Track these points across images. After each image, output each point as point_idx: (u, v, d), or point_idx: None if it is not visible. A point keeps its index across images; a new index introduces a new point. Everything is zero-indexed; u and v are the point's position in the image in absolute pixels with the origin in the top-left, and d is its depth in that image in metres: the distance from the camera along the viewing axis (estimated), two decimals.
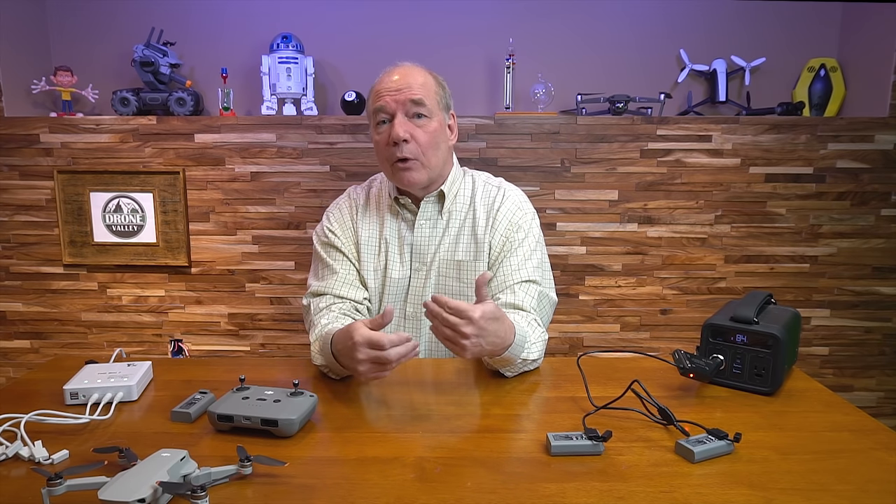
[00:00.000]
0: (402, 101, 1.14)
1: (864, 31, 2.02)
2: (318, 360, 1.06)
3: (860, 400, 2.10)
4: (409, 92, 1.13)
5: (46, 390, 0.98)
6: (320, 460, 0.77)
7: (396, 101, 1.14)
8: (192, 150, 1.99)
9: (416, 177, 1.16)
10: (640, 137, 1.97)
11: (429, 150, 1.16)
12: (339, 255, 1.23)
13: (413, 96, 1.13)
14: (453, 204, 1.24)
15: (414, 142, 1.14)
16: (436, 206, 1.23)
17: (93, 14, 2.13)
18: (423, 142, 1.15)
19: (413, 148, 1.14)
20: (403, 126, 1.13)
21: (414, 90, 1.14)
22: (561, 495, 0.69)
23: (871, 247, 2.01)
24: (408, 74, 1.16)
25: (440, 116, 1.18)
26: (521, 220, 1.22)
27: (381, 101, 1.15)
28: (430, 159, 1.16)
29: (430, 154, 1.16)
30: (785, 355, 0.96)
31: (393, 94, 1.14)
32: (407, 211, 1.23)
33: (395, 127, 1.13)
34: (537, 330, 1.10)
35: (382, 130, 1.16)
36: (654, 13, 2.12)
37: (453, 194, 1.24)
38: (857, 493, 0.69)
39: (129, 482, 0.64)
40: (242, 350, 2.12)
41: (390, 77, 1.16)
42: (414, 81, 1.15)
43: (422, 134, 1.14)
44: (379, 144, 1.18)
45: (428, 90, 1.16)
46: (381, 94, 1.15)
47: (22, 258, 2.06)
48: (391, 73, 1.17)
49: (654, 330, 2.09)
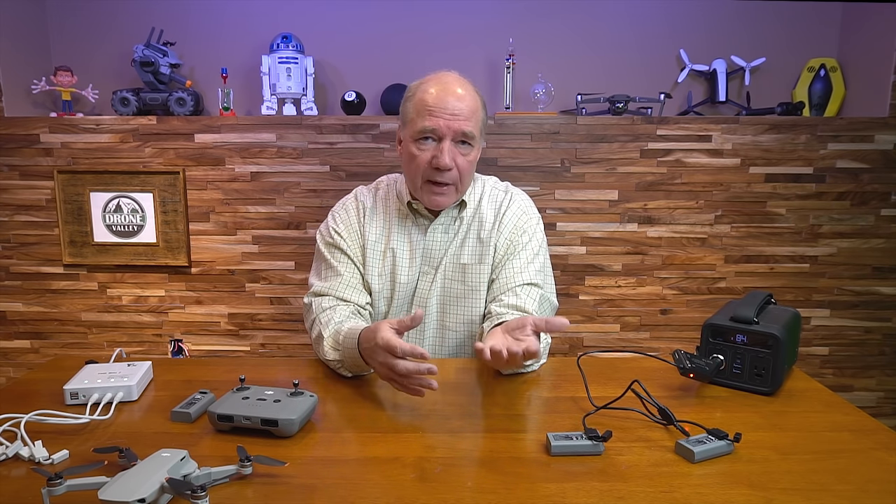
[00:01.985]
0: (455, 129, 1.12)
1: (864, 31, 2.02)
2: (332, 354, 1.05)
3: (860, 400, 2.10)
4: (464, 122, 1.12)
5: (46, 390, 0.98)
6: (320, 460, 0.77)
7: (449, 128, 1.11)
8: (192, 150, 1.99)
9: (446, 201, 1.17)
10: (640, 137, 1.96)
11: (466, 177, 1.17)
12: (343, 258, 1.22)
13: (466, 128, 1.12)
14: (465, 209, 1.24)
15: (455, 169, 1.14)
16: (454, 213, 1.23)
17: (93, 14, 2.13)
18: (464, 169, 1.15)
19: (454, 175, 1.14)
20: (451, 154, 1.12)
21: (468, 120, 1.12)
22: (561, 495, 0.69)
23: (871, 247, 2.01)
24: (465, 98, 1.13)
25: (480, 144, 1.19)
26: (526, 225, 1.22)
27: (432, 122, 1.11)
28: (464, 185, 1.18)
29: (465, 180, 1.17)
30: (785, 355, 0.96)
31: (447, 120, 1.11)
32: (420, 215, 1.23)
33: (443, 154, 1.11)
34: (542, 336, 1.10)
35: (425, 148, 1.14)
36: (654, 13, 2.12)
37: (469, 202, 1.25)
38: (857, 493, 0.69)
39: (129, 482, 0.64)
40: (242, 350, 2.12)
41: (443, 94, 1.12)
42: (468, 108, 1.13)
43: (463, 162, 1.14)
44: (416, 159, 1.14)
45: (478, 120, 1.15)
46: (435, 114, 1.11)
47: (22, 258, 2.06)
48: (444, 86, 1.13)
49: (654, 330, 2.09)
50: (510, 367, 0.94)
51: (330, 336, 1.07)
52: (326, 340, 1.07)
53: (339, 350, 1.04)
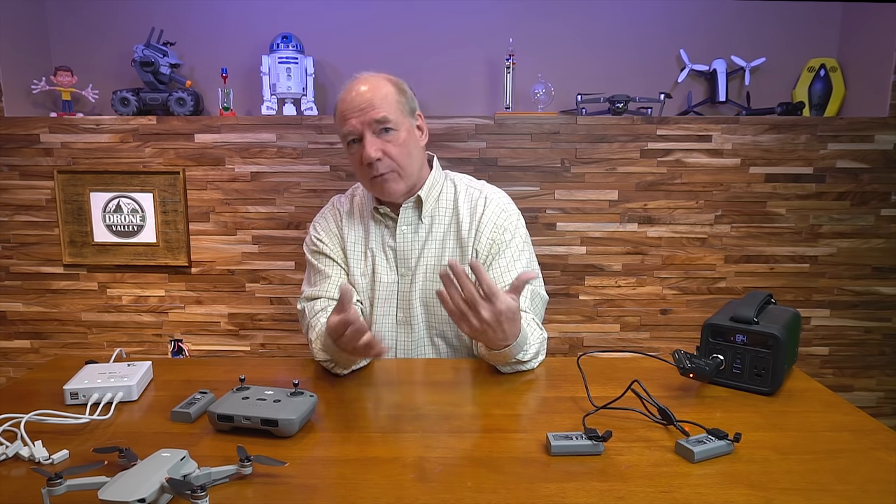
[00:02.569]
0: (368, 121, 1.13)
1: (864, 31, 2.02)
2: (321, 355, 1.08)
3: (860, 400, 2.10)
4: (372, 111, 1.13)
5: (46, 390, 0.98)
6: (320, 460, 0.77)
7: (362, 123, 1.14)
8: (192, 150, 1.99)
9: (395, 187, 1.18)
10: (640, 137, 1.96)
11: (403, 160, 1.17)
12: (328, 261, 1.25)
13: (377, 115, 1.13)
14: (436, 209, 1.24)
15: (386, 157, 1.15)
16: (415, 212, 1.24)
17: (93, 14, 2.13)
18: (396, 154, 1.16)
19: (387, 163, 1.15)
20: (374, 146, 1.14)
21: (377, 108, 1.13)
22: (561, 495, 0.69)
23: (871, 247, 2.01)
24: (368, 90, 1.15)
25: (407, 124, 1.19)
26: (505, 223, 1.22)
27: (347, 124, 1.15)
28: (406, 168, 1.18)
29: (404, 164, 1.17)
30: (785, 355, 0.96)
31: (358, 116, 1.14)
32: (388, 219, 1.25)
33: (365, 148, 1.14)
34: (536, 332, 1.11)
35: (354, 151, 1.17)
36: (654, 13, 2.12)
37: (433, 198, 1.25)
38: (857, 493, 0.69)
39: (129, 482, 0.64)
40: (242, 350, 2.12)
41: (351, 96, 1.16)
42: (375, 97, 1.14)
43: (392, 147, 1.15)
44: (354, 164, 1.19)
45: (390, 103, 1.16)
46: (347, 117, 1.15)
47: (22, 258, 2.06)
48: (351, 89, 1.17)
49: (654, 330, 2.09)
50: (475, 320, 0.95)
51: (317, 338, 1.10)
52: (314, 343, 1.11)
53: (325, 350, 1.05)
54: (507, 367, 1.06)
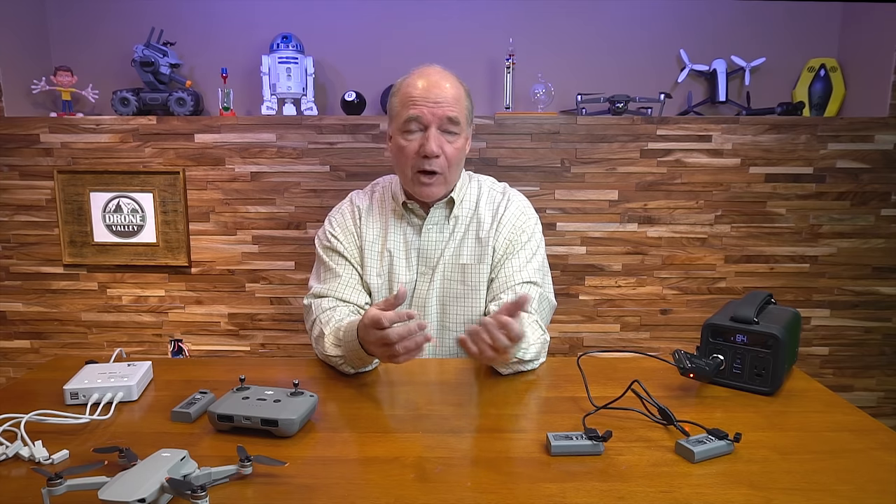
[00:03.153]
0: (440, 115, 1.12)
1: (864, 31, 2.02)
2: (334, 350, 1.06)
3: (860, 400, 2.10)
4: (447, 108, 1.12)
5: (46, 390, 0.98)
6: (320, 460, 0.77)
7: (433, 115, 1.12)
8: (192, 150, 1.99)
9: (435, 192, 1.18)
10: (640, 137, 1.96)
11: (454, 166, 1.17)
12: (341, 260, 1.23)
13: (450, 113, 1.13)
14: (459, 208, 1.25)
15: (443, 157, 1.14)
16: (444, 212, 1.24)
17: (93, 14, 2.13)
18: (452, 157, 1.15)
19: (441, 163, 1.15)
20: (437, 141, 1.13)
21: (452, 106, 1.13)
22: (561, 495, 0.69)
23: (871, 247, 2.01)
24: (449, 86, 1.14)
25: (466, 133, 1.19)
26: (524, 225, 1.23)
27: (416, 109, 1.13)
28: (453, 174, 1.18)
29: (454, 169, 1.18)
30: (785, 355, 0.96)
31: (431, 107, 1.12)
32: (414, 216, 1.24)
33: (429, 141, 1.12)
34: (537, 332, 1.11)
35: (412, 139, 1.15)
36: (654, 13, 2.12)
37: (460, 199, 1.25)
38: (857, 493, 0.69)
39: (129, 482, 0.64)
40: (242, 350, 2.12)
41: (427, 84, 1.14)
42: (451, 95, 1.14)
43: (451, 150, 1.15)
44: (404, 150, 1.16)
45: (462, 106, 1.16)
46: (418, 103, 1.13)
47: (22, 258, 2.06)
48: (427, 77, 1.15)
49: (654, 330, 2.09)
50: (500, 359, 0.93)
51: (331, 333, 1.08)
52: (328, 337, 1.08)
53: (340, 346, 1.04)
54: (507, 369, 1.06)
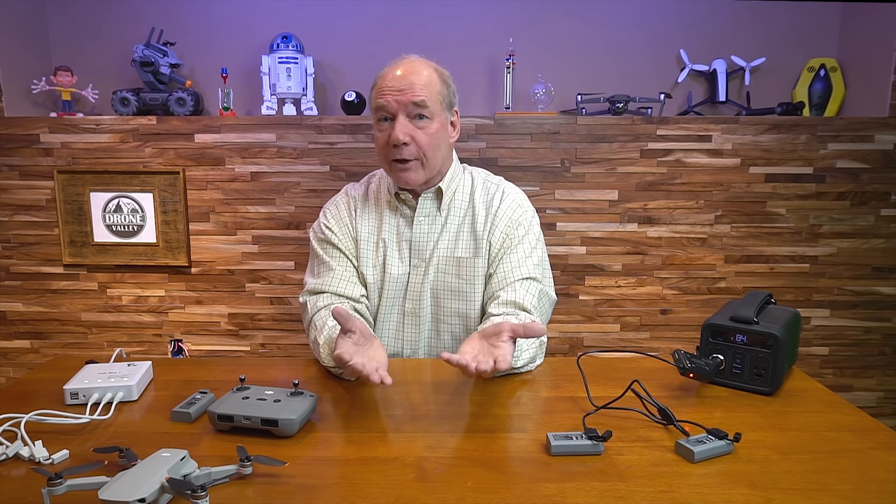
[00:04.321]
0: (405, 102, 1.12)
1: (864, 31, 2.02)
2: (329, 362, 1.06)
3: (860, 400, 2.10)
4: (411, 93, 1.12)
5: (46, 390, 0.98)
6: (320, 460, 0.77)
7: (398, 102, 1.12)
8: (192, 150, 1.99)
9: (413, 177, 1.17)
10: (640, 137, 1.96)
11: (429, 152, 1.15)
12: (336, 253, 1.23)
13: (415, 98, 1.12)
14: (452, 201, 1.24)
15: (414, 143, 1.14)
16: (434, 203, 1.23)
17: (93, 14, 2.13)
18: (424, 143, 1.14)
19: (413, 150, 1.14)
20: (404, 128, 1.12)
21: (417, 91, 1.12)
22: (561, 495, 0.69)
23: (871, 247, 2.01)
24: (412, 72, 1.14)
25: (442, 117, 1.17)
26: (521, 218, 1.22)
27: (382, 98, 1.13)
28: (430, 160, 1.16)
29: (429, 155, 1.16)
30: (785, 355, 0.96)
31: (395, 95, 1.12)
32: (406, 206, 1.23)
33: (395, 129, 1.12)
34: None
35: (383, 129, 1.16)
36: (654, 13, 2.12)
37: (452, 191, 1.24)
38: (857, 493, 0.69)
39: (129, 482, 0.64)
40: (242, 350, 2.12)
41: (394, 73, 1.14)
42: (418, 80, 1.13)
43: (422, 136, 1.14)
44: (379, 141, 1.17)
45: (431, 90, 1.14)
46: (384, 92, 1.13)
47: (22, 258, 2.06)
48: (395, 67, 1.15)
49: (654, 330, 2.09)
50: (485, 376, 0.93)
51: (325, 344, 1.08)
52: (322, 347, 1.08)
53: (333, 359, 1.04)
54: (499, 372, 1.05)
